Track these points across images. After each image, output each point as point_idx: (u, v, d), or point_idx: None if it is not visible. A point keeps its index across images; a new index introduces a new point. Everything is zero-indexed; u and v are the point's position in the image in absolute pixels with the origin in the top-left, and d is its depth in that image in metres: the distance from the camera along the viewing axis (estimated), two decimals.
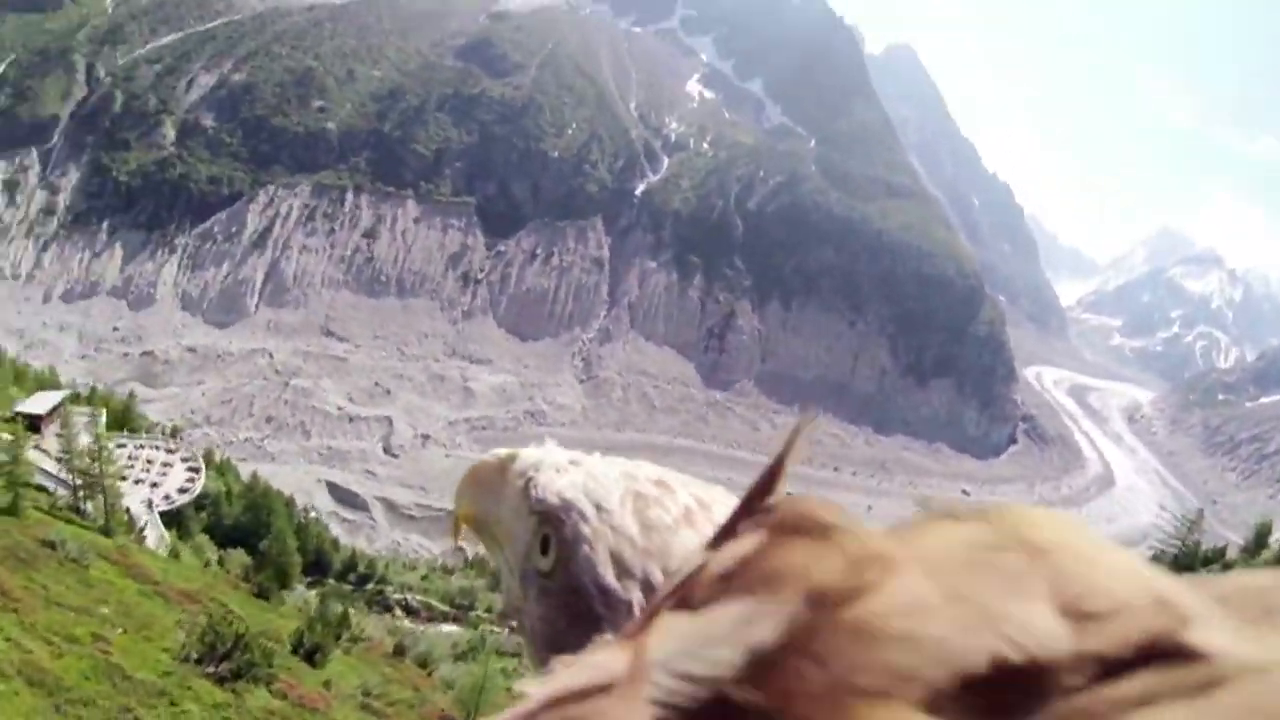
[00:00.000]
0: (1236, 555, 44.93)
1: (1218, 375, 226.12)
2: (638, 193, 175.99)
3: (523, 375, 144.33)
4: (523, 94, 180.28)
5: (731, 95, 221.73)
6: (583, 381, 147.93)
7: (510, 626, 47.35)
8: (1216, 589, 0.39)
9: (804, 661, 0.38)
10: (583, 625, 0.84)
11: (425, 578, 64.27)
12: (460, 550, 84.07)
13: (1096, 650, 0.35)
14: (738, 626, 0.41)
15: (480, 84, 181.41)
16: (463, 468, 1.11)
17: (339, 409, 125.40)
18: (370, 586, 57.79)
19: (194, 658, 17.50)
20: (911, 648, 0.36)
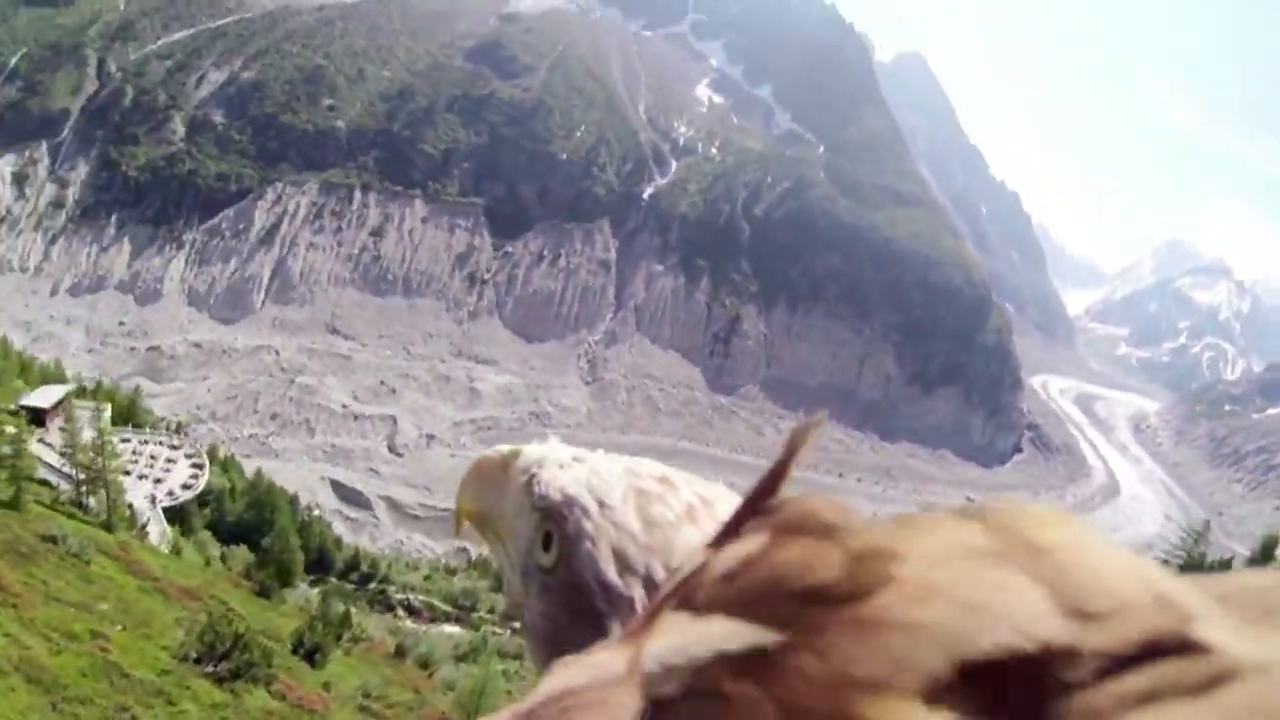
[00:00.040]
0: (1242, 568, 44.61)
1: (1224, 386, 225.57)
2: (645, 196, 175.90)
3: (528, 377, 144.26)
4: (532, 96, 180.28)
5: (741, 101, 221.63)
6: (588, 384, 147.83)
7: (512, 628, 47.30)
8: (1216, 589, 0.39)
9: (803, 655, 0.38)
10: (584, 621, 0.84)
11: (428, 578, 64.20)
12: (463, 550, 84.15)
13: (1100, 647, 0.35)
14: (738, 629, 0.41)
15: (489, 85, 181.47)
16: (466, 468, 1.11)
17: (344, 407, 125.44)
18: (373, 586, 57.72)
19: (193, 657, 17.38)
20: (910, 637, 0.36)
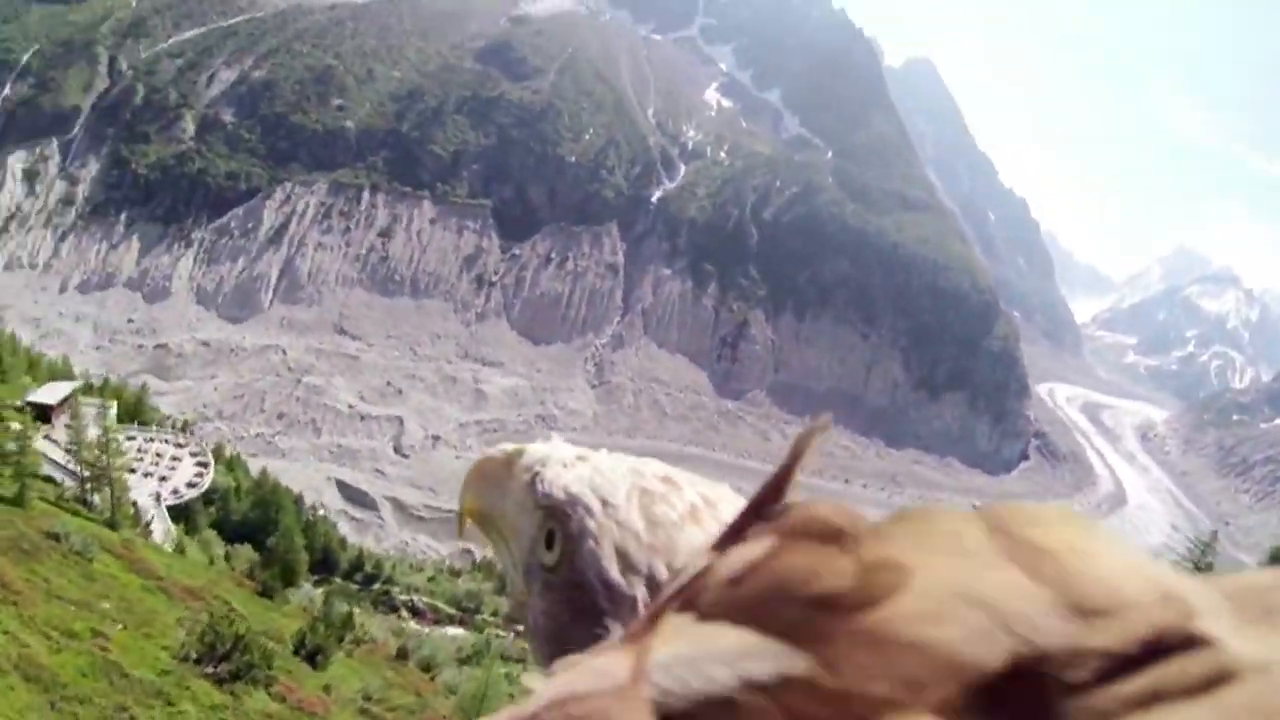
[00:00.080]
0: None
1: (1233, 395, 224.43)
2: (654, 200, 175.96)
3: (535, 379, 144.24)
4: (541, 98, 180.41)
5: (749, 105, 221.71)
6: (594, 387, 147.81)
7: (516, 631, 47.18)
8: (1216, 588, 0.38)
9: (816, 669, 0.37)
10: (586, 620, 0.84)
11: (432, 579, 64.15)
12: (468, 552, 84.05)
13: (1103, 647, 0.35)
14: (757, 644, 0.40)
15: (499, 87, 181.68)
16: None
17: (350, 407, 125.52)
18: (377, 587, 57.71)
19: (193, 657, 17.28)
20: (925, 655, 0.36)
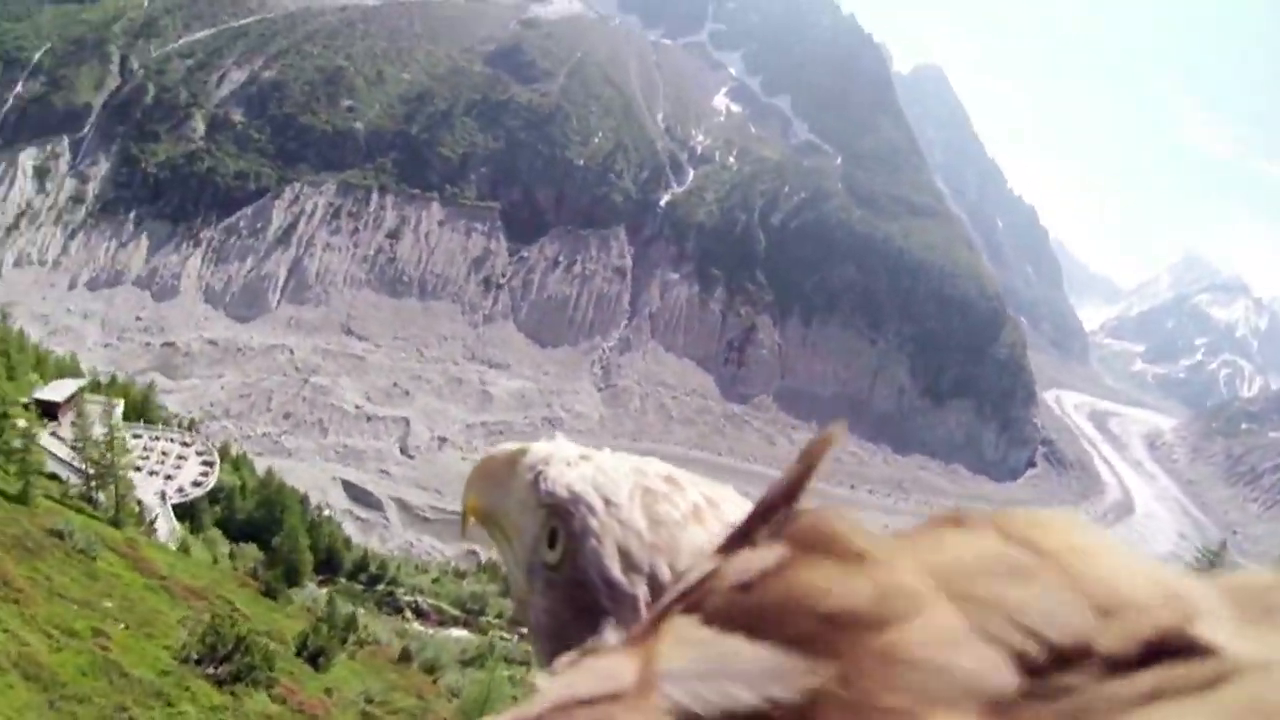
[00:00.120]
0: None
1: (1241, 404, 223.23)
2: (662, 204, 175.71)
3: (541, 382, 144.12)
4: (550, 101, 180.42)
5: (758, 110, 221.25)
6: (601, 390, 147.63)
7: (520, 633, 47.06)
8: (1216, 588, 0.39)
9: (831, 687, 0.38)
10: (588, 619, 0.84)
11: (436, 580, 64.12)
12: (472, 553, 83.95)
13: (1107, 649, 0.35)
14: (776, 660, 0.40)
15: (508, 90, 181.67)
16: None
17: (357, 408, 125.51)
18: (381, 587, 57.64)
19: (194, 658, 17.18)
20: (941, 670, 0.36)
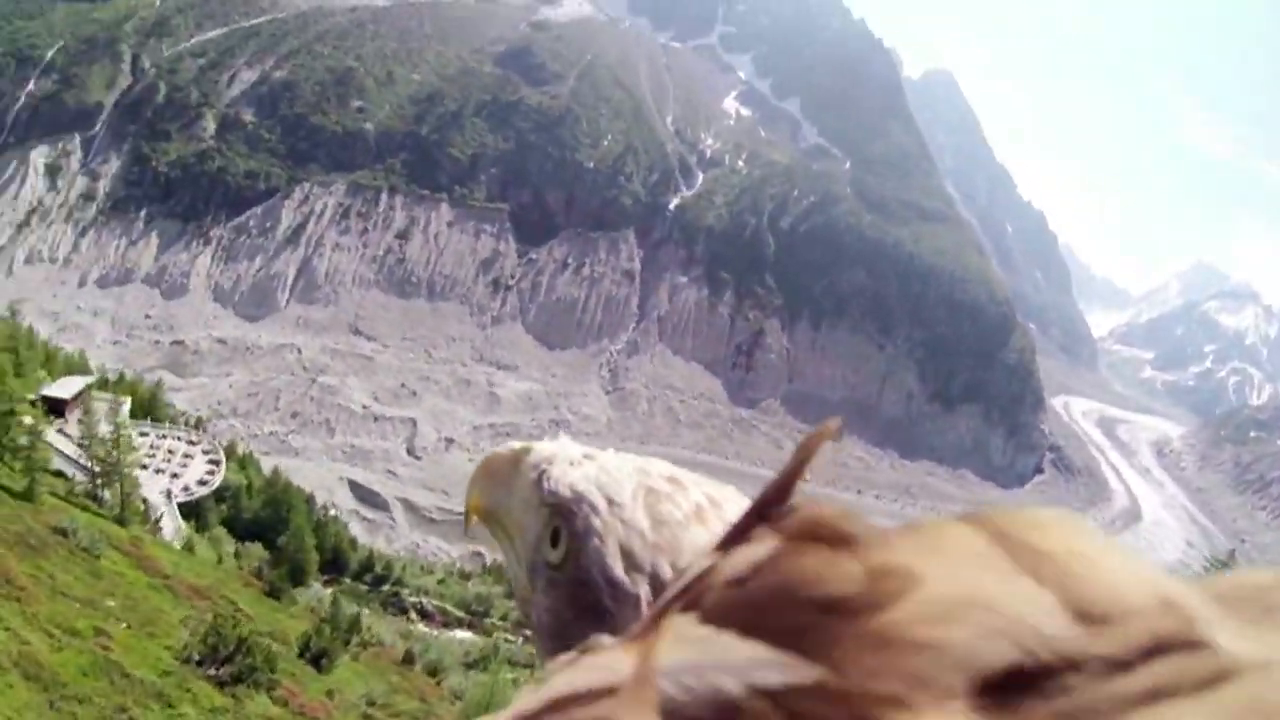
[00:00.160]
0: None
1: (1250, 412, 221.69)
2: (671, 207, 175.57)
3: (549, 384, 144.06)
4: (560, 103, 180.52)
5: (768, 114, 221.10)
6: (609, 393, 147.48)
7: (525, 635, 46.95)
8: (1216, 589, 0.39)
9: (823, 670, 0.38)
10: (590, 618, 0.84)
11: (442, 582, 64.03)
12: (478, 555, 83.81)
13: (1106, 651, 0.35)
14: (764, 653, 0.40)
15: (518, 92, 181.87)
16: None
17: (364, 408, 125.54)
18: (386, 588, 57.61)
19: (195, 659, 17.07)
20: (931, 656, 0.36)
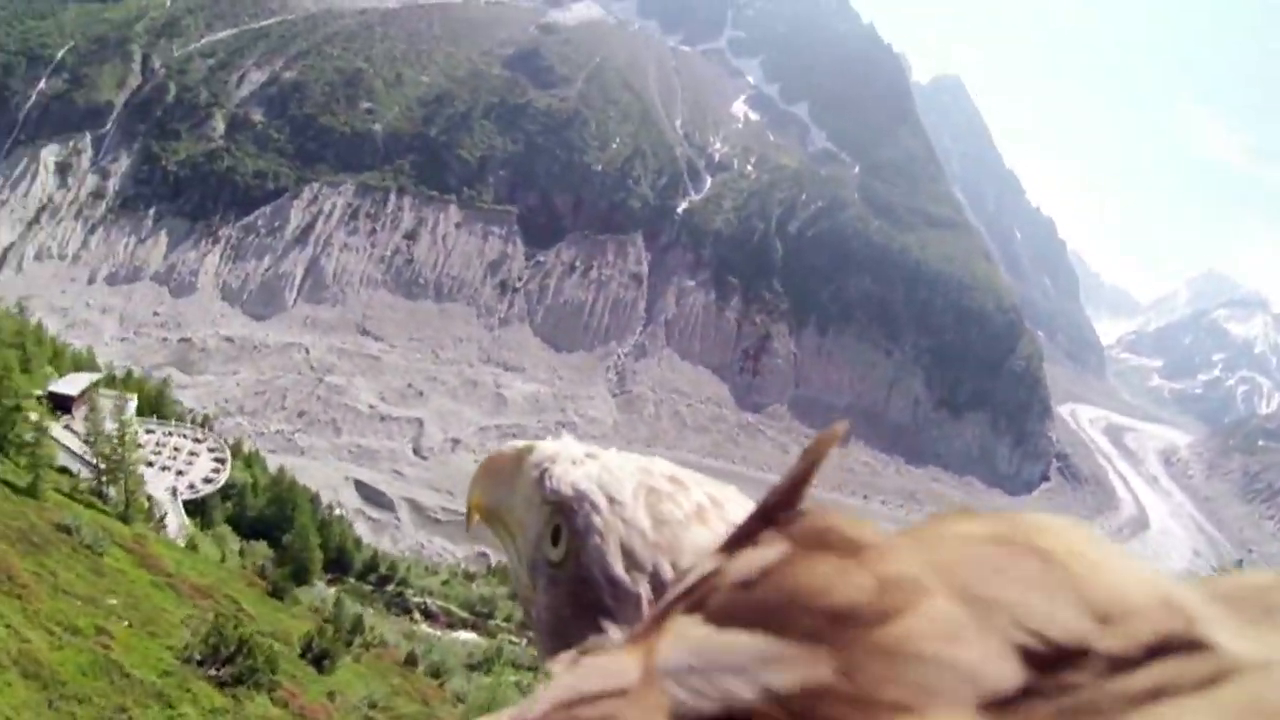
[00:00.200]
0: None
1: (1259, 421, 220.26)
2: (679, 211, 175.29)
3: (556, 386, 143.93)
4: (568, 106, 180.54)
5: (777, 118, 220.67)
6: (615, 396, 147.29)
7: (529, 636, 46.75)
8: (1216, 589, 0.39)
9: (832, 678, 0.38)
10: (590, 616, 0.84)
11: (446, 583, 63.97)
12: (483, 556, 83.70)
13: (1109, 650, 0.36)
14: (772, 649, 0.40)
15: (527, 94, 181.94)
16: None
17: (371, 408, 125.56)
18: (390, 588, 57.54)
19: (196, 659, 16.95)
20: (942, 666, 0.36)
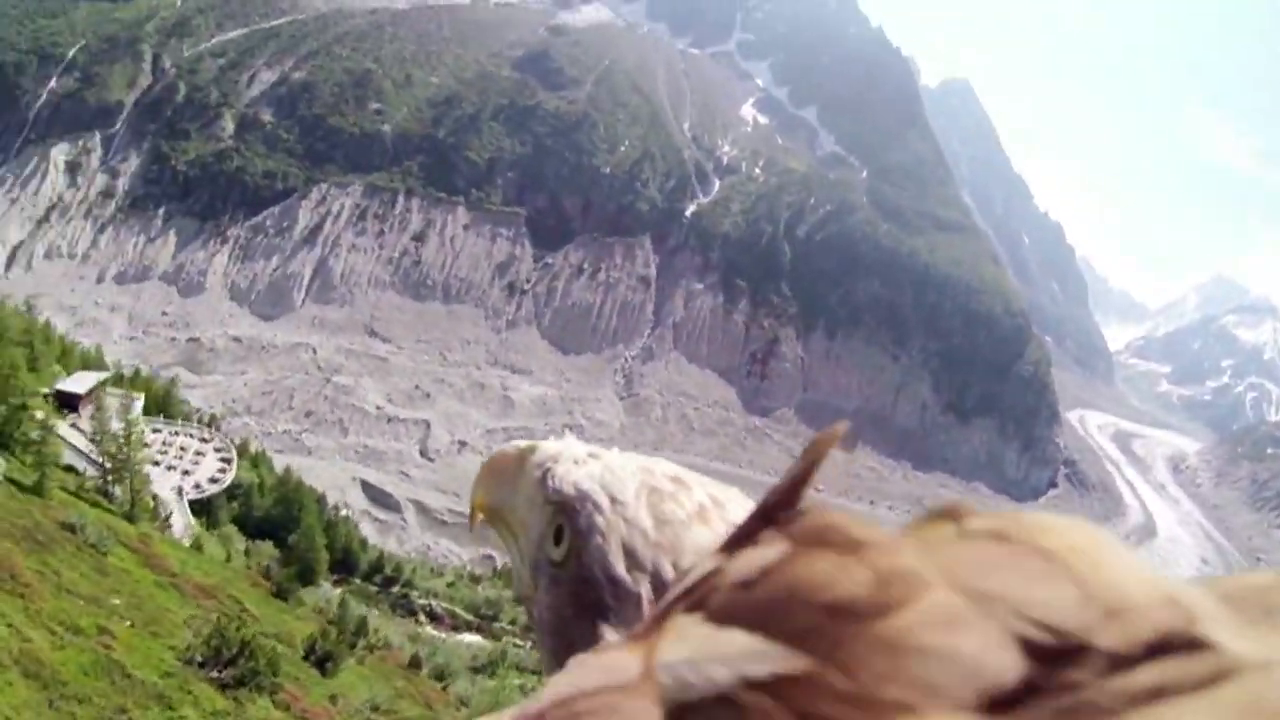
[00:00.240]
0: None
1: (1268, 428, 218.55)
2: (687, 214, 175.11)
3: (563, 388, 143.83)
4: (577, 108, 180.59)
5: (785, 121, 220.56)
6: (623, 399, 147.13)
7: (533, 640, 46.52)
8: (1217, 589, 0.39)
9: (827, 670, 0.38)
10: (591, 615, 0.85)
11: (451, 585, 63.85)
12: (489, 558, 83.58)
13: (1109, 647, 0.35)
14: (761, 646, 0.40)
15: (536, 96, 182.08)
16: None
17: (378, 409, 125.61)
18: (396, 589, 57.41)
19: (198, 660, 16.85)
20: (940, 661, 0.36)
